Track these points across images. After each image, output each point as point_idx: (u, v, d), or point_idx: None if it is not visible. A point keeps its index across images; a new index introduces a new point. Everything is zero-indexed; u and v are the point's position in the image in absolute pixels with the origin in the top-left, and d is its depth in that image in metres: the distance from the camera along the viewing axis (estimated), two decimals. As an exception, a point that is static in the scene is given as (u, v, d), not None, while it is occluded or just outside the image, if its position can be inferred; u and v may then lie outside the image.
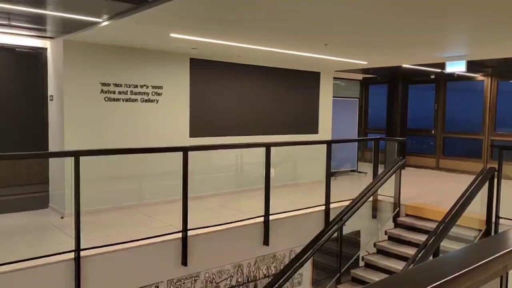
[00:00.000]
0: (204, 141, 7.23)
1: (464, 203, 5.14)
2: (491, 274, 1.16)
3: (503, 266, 1.22)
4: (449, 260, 1.21)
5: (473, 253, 1.24)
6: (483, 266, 1.11)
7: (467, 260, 1.13)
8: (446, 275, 1.01)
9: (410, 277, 1.08)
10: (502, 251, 1.19)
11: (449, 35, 5.56)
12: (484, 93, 10.08)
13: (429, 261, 1.20)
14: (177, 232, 4.84)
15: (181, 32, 5.22)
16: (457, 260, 1.18)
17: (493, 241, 1.35)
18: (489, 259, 1.13)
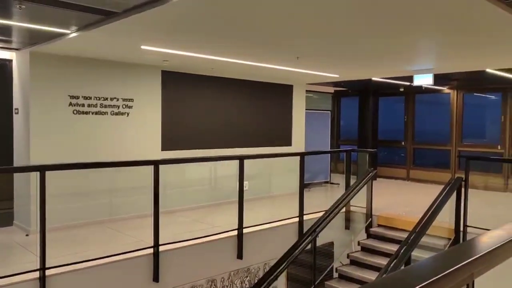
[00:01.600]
0: (176, 154, 7.14)
1: (434, 213, 5.24)
2: (457, 283, 1.16)
3: (469, 274, 1.23)
4: (416, 270, 1.21)
5: (440, 262, 1.24)
6: (450, 274, 1.12)
7: (434, 269, 1.13)
8: (413, 285, 1.01)
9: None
10: (468, 259, 1.20)
11: (416, 50, 5.72)
12: (450, 105, 10.39)
13: (397, 271, 1.20)
14: (148, 248, 4.73)
15: (152, 44, 5.18)
16: (424, 270, 1.18)
17: (459, 249, 1.36)
18: (455, 268, 1.13)
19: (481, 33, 4.54)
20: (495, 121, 9.80)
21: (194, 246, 5.17)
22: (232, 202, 5.74)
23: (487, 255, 1.30)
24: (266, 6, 3.62)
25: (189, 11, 3.75)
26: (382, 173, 11.10)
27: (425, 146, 11.00)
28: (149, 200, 4.70)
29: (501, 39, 4.80)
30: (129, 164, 5.54)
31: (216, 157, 6.88)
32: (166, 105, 7.14)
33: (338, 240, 6.83)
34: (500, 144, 9.61)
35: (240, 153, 7.51)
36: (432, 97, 10.97)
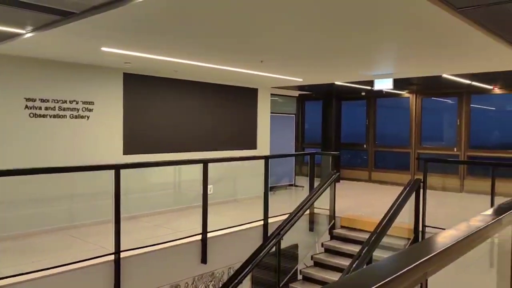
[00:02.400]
0: (139, 158, 7.00)
1: (394, 214, 5.38)
2: (411, 282, 1.19)
3: (422, 273, 1.26)
4: (372, 270, 1.23)
5: (394, 262, 1.27)
6: (404, 274, 1.14)
7: (389, 269, 1.15)
8: (368, 286, 1.03)
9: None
10: (421, 259, 1.23)
11: (376, 55, 5.88)
12: (410, 109, 10.73)
13: (354, 272, 1.22)
14: (109, 254, 4.61)
15: (113, 46, 5.07)
16: (380, 270, 1.20)
17: (413, 250, 1.40)
18: (409, 268, 1.16)
19: (437, 40, 4.72)
20: (452, 125, 10.20)
21: (157, 252, 5.08)
22: (197, 206, 5.69)
23: (439, 254, 1.34)
24: (229, 11, 3.62)
25: (151, 13, 3.70)
26: (345, 175, 11.31)
27: (386, 149, 11.30)
28: (111, 206, 4.58)
29: (456, 46, 5.00)
30: (89, 168, 5.38)
31: (179, 161, 6.81)
32: (128, 108, 7.00)
33: (302, 242, 6.90)
34: (456, 147, 10.01)
35: (205, 156, 7.46)
36: (393, 101, 11.29)
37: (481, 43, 4.67)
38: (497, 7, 3.57)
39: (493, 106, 10.29)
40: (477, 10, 3.67)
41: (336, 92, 10.96)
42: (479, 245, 1.72)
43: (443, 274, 1.64)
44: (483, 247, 2.23)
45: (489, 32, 4.33)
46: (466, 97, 9.91)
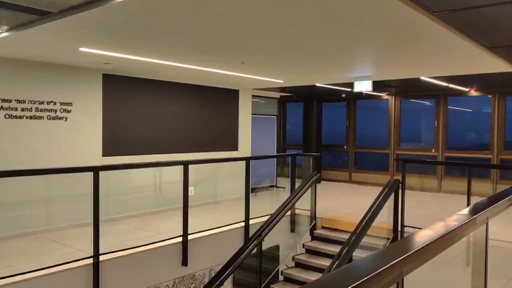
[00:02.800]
0: (119, 160, 6.93)
1: (373, 214, 5.45)
2: (387, 281, 1.21)
3: (398, 272, 1.28)
4: (350, 270, 1.25)
5: (371, 262, 1.29)
6: (380, 274, 1.16)
7: (366, 269, 1.17)
8: (345, 285, 1.04)
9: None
10: (397, 258, 1.25)
11: (356, 58, 5.95)
12: (389, 110, 10.89)
13: (332, 272, 1.23)
14: (88, 258, 4.54)
15: (91, 46, 5.00)
16: (357, 270, 1.22)
17: (389, 249, 1.42)
18: (385, 267, 1.18)
19: (415, 43, 4.80)
20: (430, 126, 10.39)
21: (137, 254, 5.03)
22: (178, 208, 5.65)
23: (415, 253, 1.36)
24: (208, 12, 3.61)
25: (129, 13, 3.66)
26: (326, 176, 11.40)
27: (365, 150, 11.44)
28: (89, 208, 4.51)
29: (433, 49, 5.10)
30: (67, 171, 5.29)
31: (159, 163, 6.75)
32: (107, 110, 6.91)
33: (283, 243, 6.92)
34: (434, 148, 10.20)
35: (186, 158, 7.43)
36: (372, 103, 11.44)
37: (457, 46, 4.77)
38: (472, 11, 3.65)
39: (470, 108, 10.53)
40: (454, 14, 3.75)
41: (317, 93, 11.04)
42: (456, 243, 1.76)
43: (421, 273, 1.67)
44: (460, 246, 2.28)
45: (466, 35, 4.43)
46: (444, 99, 10.11)
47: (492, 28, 4.21)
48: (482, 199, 2.35)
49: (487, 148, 9.57)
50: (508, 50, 5.23)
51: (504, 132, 9.37)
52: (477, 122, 10.35)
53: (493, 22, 4.00)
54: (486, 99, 9.74)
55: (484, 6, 3.53)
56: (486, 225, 2.17)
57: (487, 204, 2.20)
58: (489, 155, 9.48)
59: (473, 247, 2.45)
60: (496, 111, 9.45)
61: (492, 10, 3.64)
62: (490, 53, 5.18)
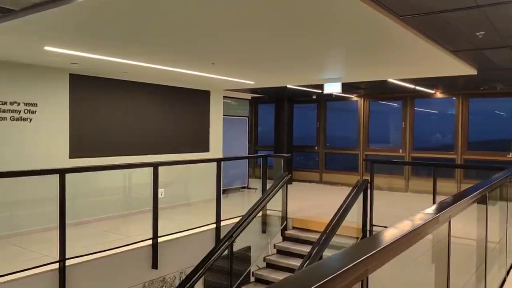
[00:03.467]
0: (86, 162, 6.77)
1: (343, 214, 5.53)
2: (352, 280, 1.23)
3: (363, 270, 1.30)
4: (315, 270, 1.26)
5: (336, 261, 1.31)
6: (345, 272, 1.18)
7: (330, 268, 1.19)
8: (309, 285, 1.05)
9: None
10: (362, 257, 1.27)
11: (326, 60, 6.03)
12: (358, 112, 11.09)
13: (298, 272, 1.24)
14: (54, 263, 4.42)
15: (57, 45, 4.87)
16: (322, 269, 1.23)
17: (354, 248, 1.44)
18: (350, 266, 1.20)
19: (382, 47, 4.91)
20: (397, 127, 10.64)
21: (105, 258, 4.93)
22: (148, 210, 5.57)
23: (379, 252, 1.39)
24: (174, 12, 3.58)
25: (95, 12, 3.59)
26: (297, 177, 11.50)
27: (335, 151, 11.61)
28: (56, 212, 4.39)
29: (400, 52, 5.23)
30: (31, 173, 5.11)
31: (128, 165, 6.62)
32: (75, 110, 6.75)
33: (255, 244, 6.93)
34: (402, 148, 10.45)
35: (156, 160, 7.32)
36: (342, 104, 11.62)
37: (423, 50, 4.90)
38: (436, 15, 3.77)
39: (435, 109, 10.85)
40: (418, 18, 3.86)
41: (288, 95, 11.13)
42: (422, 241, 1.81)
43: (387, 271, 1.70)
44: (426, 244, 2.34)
45: (430, 39, 4.56)
46: (410, 101, 10.38)
47: (454, 33, 4.36)
48: (446, 197, 2.42)
49: (451, 148, 9.88)
50: (470, 54, 5.42)
51: (468, 133, 9.71)
52: (442, 124, 10.67)
53: (455, 27, 4.15)
54: (451, 101, 10.06)
55: (447, 11, 3.65)
56: (449, 223, 2.24)
57: (450, 203, 2.27)
58: (453, 155, 9.79)
59: (437, 245, 2.52)
60: (460, 113, 9.77)
61: (454, 15, 3.77)
62: (452, 56, 5.36)
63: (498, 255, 4.10)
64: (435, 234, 2.28)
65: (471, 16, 3.78)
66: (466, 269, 3.51)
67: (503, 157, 9.19)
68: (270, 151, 11.48)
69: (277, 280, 6.11)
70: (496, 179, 3.55)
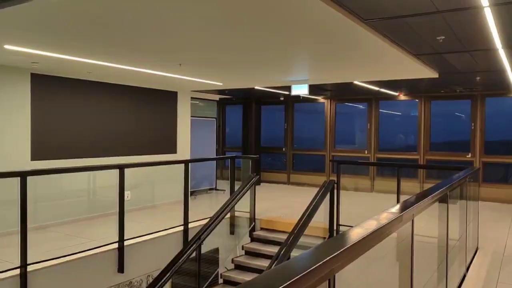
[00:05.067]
0: (49, 164, 6.55)
1: (310, 214, 5.59)
2: (318, 279, 1.25)
3: (329, 270, 1.32)
4: (281, 270, 1.27)
5: (303, 260, 1.33)
6: (310, 272, 1.19)
7: (296, 268, 1.20)
8: (275, 286, 1.05)
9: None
10: (327, 257, 1.29)
11: (291, 62, 6.09)
12: (325, 113, 11.25)
13: (264, 273, 1.25)
14: (14, 269, 4.25)
15: (17, 44, 4.70)
16: (288, 270, 1.24)
17: (320, 248, 1.46)
18: (315, 266, 1.22)
19: (347, 49, 5.00)
20: (363, 128, 10.87)
21: (68, 263, 4.79)
22: (113, 213, 5.45)
23: (345, 251, 1.42)
24: (142, 12, 3.53)
25: (57, 10, 3.48)
26: (266, 178, 11.55)
27: (303, 152, 11.73)
28: (15, 216, 4.23)
29: (364, 55, 5.34)
30: (-10, 176, 4.93)
31: (93, 167, 6.49)
32: (36, 111, 6.52)
33: (223, 245, 6.91)
34: (367, 149, 10.68)
35: (122, 161, 7.18)
36: (309, 106, 11.76)
37: (386, 53, 5.03)
38: (399, 20, 3.88)
39: (399, 111, 11.15)
40: (382, 22, 3.96)
41: (255, 96, 11.16)
42: (387, 240, 1.85)
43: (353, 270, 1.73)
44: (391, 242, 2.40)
45: (393, 43, 4.69)
46: (375, 103, 10.63)
47: (416, 37, 4.50)
48: (410, 197, 2.50)
49: (414, 149, 10.18)
50: (431, 57, 5.61)
51: (430, 134, 10.03)
52: (406, 125, 10.98)
53: (417, 31, 4.28)
54: (414, 103, 10.37)
55: (408, 16, 3.76)
56: (412, 221, 2.30)
57: (413, 202, 2.34)
58: (416, 156, 10.09)
59: (401, 243, 2.59)
60: (422, 115, 10.08)
61: (415, 20, 3.89)
62: (415, 60, 5.53)
63: (459, 252, 4.25)
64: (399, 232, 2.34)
65: (432, 21, 3.91)
66: (428, 266, 3.62)
67: (463, 157, 9.55)
68: (238, 152, 11.48)
69: (245, 281, 6.11)
70: (457, 179, 3.69)
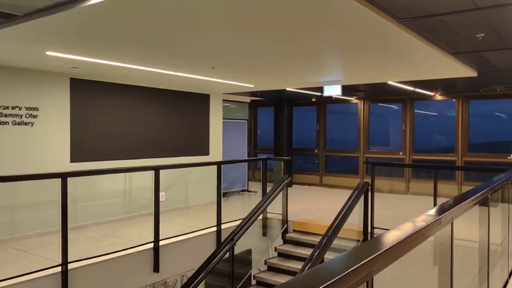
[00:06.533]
0: (87, 166, 6.77)
1: (344, 217, 5.53)
2: (357, 281, 1.24)
3: (367, 272, 1.31)
4: (320, 271, 1.27)
5: (341, 263, 1.32)
6: (349, 274, 1.19)
7: (335, 270, 1.19)
8: (315, 287, 1.06)
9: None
10: (366, 258, 1.28)
11: (324, 63, 6.04)
12: (358, 114, 11.10)
13: (302, 274, 1.25)
14: (56, 266, 4.42)
15: (58, 50, 4.89)
16: (327, 271, 1.24)
17: (358, 250, 1.45)
18: (354, 267, 1.21)
19: (381, 49, 4.92)
20: (397, 129, 10.66)
21: (106, 262, 4.93)
22: (148, 214, 5.58)
23: (383, 253, 1.40)
24: (175, 17, 3.60)
25: (98, 17, 3.61)
26: (297, 180, 11.50)
27: (335, 153, 11.61)
28: (56, 216, 4.40)
29: (399, 55, 5.25)
30: (34, 177, 5.12)
31: (129, 168, 6.65)
32: (75, 115, 6.76)
33: (255, 247, 6.93)
34: (402, 151, 10.46)
35: (157, 163, 7.34)
36: (342, 107, 11.64)
37: (421, 52, 4.92)
38: (435, 18, 3.79)
39: (435, 111, 10.87)
40: (417, 21, 3.88)
41: (287, 98, 11.14)
42: (423, 243, 1.82)
43: (391, 272, 1.71)
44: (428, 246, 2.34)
45: (429, 41, 4.58)
46: (410, 103, 10.40)
47: (453, 35, 4.38)
48: (447, 199, 2.43)
49: (451, 150, 9.89)
50: (469, 56, 5.45)
51: (468, 135, 9.72)
52: (442, 126, 10.69)
53: (454, 29, 4.17)
54: (451, 103, 10.08)
55: (445, 14, 3.67)
56: (451, 224, 2.25)
57: (452, 205, 2.28)
58: (453, 157, 9.80)
59: (439, 247, 2.53)
60: (460, 115, 9.79)
61: (453, 18, 3.79)
62: (452, 58, 5.38)
63: (500, 257, 4.10)
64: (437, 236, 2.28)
65: (470, 18, 3.80)
66: (469, 270, 3.51)
67: (503, 158, 9.20)
68: (269, 154, 11.49)
69: (278, 283, 6.10)
70: (498, 181, 3.55)
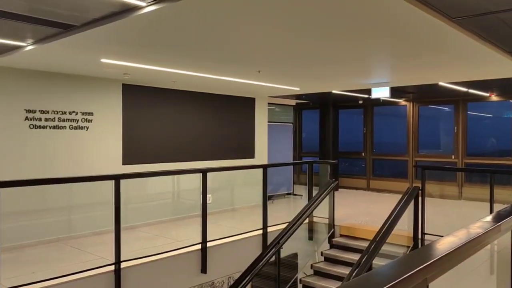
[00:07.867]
0: (138, 168, 7.02)
1: (393, 222, 5.39)
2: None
3: (423, 279, 1.28)
4: (373, 277, 1.25)
5: (395, 268, 1.29)
6: (404, 280, 1.16)
7: (389, 276, 1.17)
8: (369, 292, 1.04)
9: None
10: (421, 265, 1.25)
11: (372, 65, 5.93)
12: (407, 117, 10.79)
13: (355, 279, 1.23)
14: (109, 265, 4.60)
15: (112, 57, 5.11)
16: (381, 277, 1.22)
17: (413, 256, 1.42)
18: (409, 274, 1.18)
19: (434, 49, 4.77)
20: (449, 132, 10.25)
21: (156, 262, 5.08)
22: (195, 216, 5.69)
23: (439, 260, 1.36)
24: (225, 24, 3.67)
25: (150, 25, 3.74)
26: (344, 184, 11.33)
27: (383, 157, 11.33)
28: (109, 216, 4.59)
29: (452, 55, 5.06)
30: (88, 179, 5.36)
31: (178, 171, 6.82)
32: (127, 119, 7.03)
33: (301, 251, 6.89)
34: (454, 154, 10.05)
35: (203, 166, 7.48)
36: (390, 109, 11.35)
37: (476, 51, 4.72)
38: (490, 16, 3.63)
39: (490, 113, 10.36)
40: (472, 20, 3.73)
41: (333, 100, 11.01)
42: (480, 251, 1.74)
43: (444, 281, 1.65)
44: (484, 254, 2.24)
45: (484, 40, 4.39)
46: (463, 105, 9.98)
47: (510, 33, 4.17)
48: (506, 206, 2.32)
49: (508, 154, 9.39)
50: (529, 55, 5.16)
51: (526, 138, 9.19)
52: (497, 128, 10.16)
53: (511, 27, 3.97)
54: (507, 104, 9.58)
55: (502, 12, 3.50)
56: (511, 232, 2.14)
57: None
58: (511, 161, 9.30)
59: (497, 256, 2.41)
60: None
61: (510, 15, 3.61)
62: (509, 57, 5.12)
63: None
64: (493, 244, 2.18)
65: (530, 15, 3.61)
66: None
67: None
68: (314, 157, 11.39)
69: (325, 287, 6.04)
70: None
